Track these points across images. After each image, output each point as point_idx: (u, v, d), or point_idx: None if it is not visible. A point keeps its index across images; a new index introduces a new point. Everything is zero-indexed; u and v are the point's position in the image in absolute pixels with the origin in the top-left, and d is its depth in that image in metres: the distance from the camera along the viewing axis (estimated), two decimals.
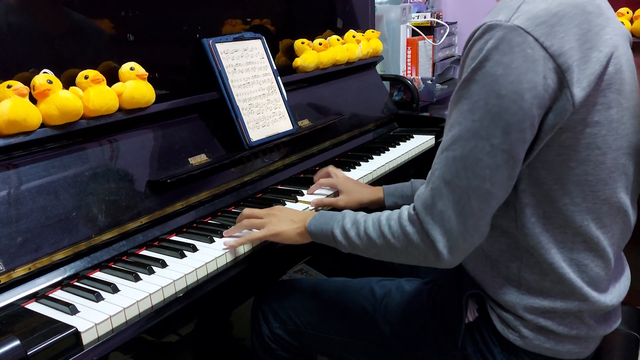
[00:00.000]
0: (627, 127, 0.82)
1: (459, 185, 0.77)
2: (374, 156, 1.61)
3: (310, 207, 1.26)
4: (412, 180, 1.27)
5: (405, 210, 0.86)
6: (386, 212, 0.90)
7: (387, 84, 2.10)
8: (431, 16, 2.65)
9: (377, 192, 1.28)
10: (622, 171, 0.82)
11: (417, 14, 2.65)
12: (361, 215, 0.94)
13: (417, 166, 1.70)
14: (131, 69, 1.15)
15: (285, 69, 1.63)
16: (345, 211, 0.97)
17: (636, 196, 0.92)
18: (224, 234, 1.09)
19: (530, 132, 0.76)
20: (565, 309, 0.85)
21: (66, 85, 1.05)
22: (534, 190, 0.81)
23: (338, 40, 1.78)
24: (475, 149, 0.76)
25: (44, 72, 1.03)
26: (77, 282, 0.96)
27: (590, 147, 0.78)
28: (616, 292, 0.89)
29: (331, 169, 1.34)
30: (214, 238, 1.09)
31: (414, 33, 2.52)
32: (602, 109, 0.78)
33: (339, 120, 1.66)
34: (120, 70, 1.15)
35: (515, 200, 0.83)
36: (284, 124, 1.46)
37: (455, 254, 0.81)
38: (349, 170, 1.49)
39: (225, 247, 1.05)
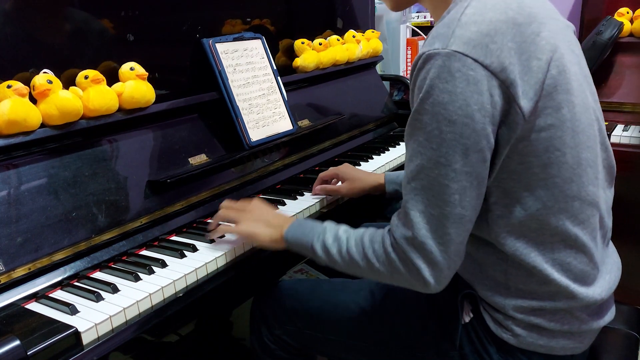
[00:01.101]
0: (582, 123, 0.82)
1: (433, 214, 0.79)
2: (374, 156, 1.61)
3: (313, 196, 1.30)
4: None
5: (388, 236, 0.85)
6: (368, 232, 0.89)
7: (387, 84, 2.10)
8: (431, 16, 2.64)
9: (379, 179, 1.30)
10: (586, 165, 0.83)
11: (417, 14, 2.65)
12: (342, 230, 0.92)
13: None
14: (131, 69, 1.15)
15: (285, 69, 1.63)
16: (325, 224, 0.96)
17: (611, 183, 0.92)
18: (209, 227, 1.10)
19: (488, 150, 0.77)
20: (554, 307, 0.85)
21: (66, 85, 1.05)
22: (505, 202, 0.82)
23: (338, 40, 1.78)
24: (439, 176, 0.77)
25: (44, 72, 1.03)
26: (77, 282, 0.96)
27: (549, 150, 0.79)
28: (605, 285, 0.89)
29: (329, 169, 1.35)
30: (214, 238, 1.09)
31: (414, 33, 2.52)
32: (553, 111, 0.78)
33: (339, 120, 1.66)
34: (120, 70, 1.15)
35: (486, 213, 0.84)
36: (284, 124, 1.46)
37: (441, 281, 0.83)
38: None
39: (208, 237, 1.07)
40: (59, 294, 0.93)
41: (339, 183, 1.33)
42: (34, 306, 0.89)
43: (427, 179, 0.78)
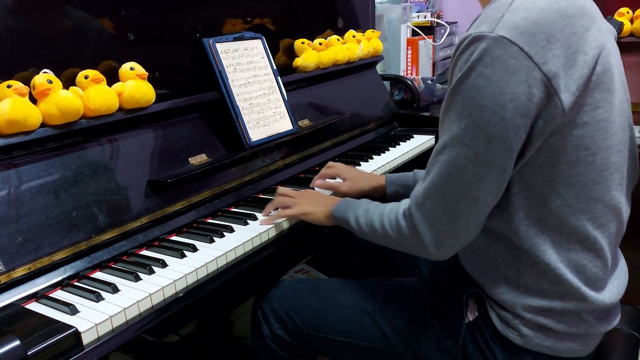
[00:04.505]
0: (616, 125, 0.82)
1: (447, 190, 0.81)
2: (374, 156, 1.61)
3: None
4: (415, 170, 1.30)
5: (403, 204, 0.92)
6: (390, 205, 0.96)
7: (387, 83, 2.10)
8: (431, 16, 2.64)
9: (379, 180, 1.31)
10: (613, 169, 0.82)
11: (418, 13, 2.65)
12: (373, 205, 1.01)
13: (418, 166, 1.70)
14: (131, 68, 1.15)
15: (285, 69, 1.63)
16: (362, 200, 1.04)
17: (630, 192, 0.92)
18: (263, 214, 1.18)
19: (516, 141, 0.76)
20: (564, 308, 0.85)
21: (66, 85, 1.05)
22: (526, 194, 0.82)
23: (338, 40, 1.78)
24: (460, 156, 0.79)
25: (44, 72, 1.03)
26: (77, 282, 0.96)
27: (578, 149, 0.79)
28: (615, 290, 0.89)
29: (330, 163, 1.37)
30: (214, 238, 1.09)
31: (414, 33, 2.52)
32: (590, 109, 0.78)
33: (339, 120, 1.66)
34: (120, 70, 1.15)
35: (508, 204, 0.83)
36: (284, 124, 1.46)
37: (443, 250, 0.86)
38: None
39: (262, 225, 1.13)
40: (59, 294, 0.92)
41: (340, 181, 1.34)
42: (34, 306, 0.89)
43: (449, 156, 0.80)
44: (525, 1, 0.76)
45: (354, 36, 1.84)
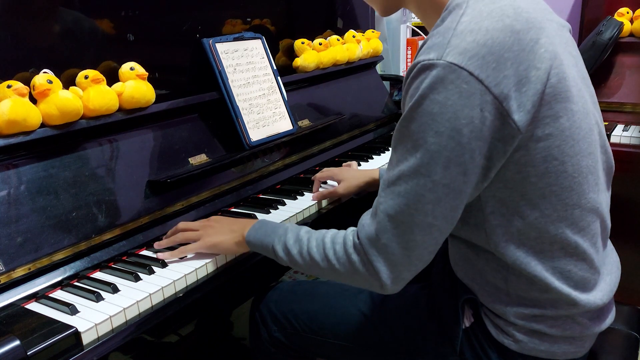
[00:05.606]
0: (583, 130, 0.80)
1: (402, 221, 0.78)
2: (374, 156, 1.61)
3: (312, 201, 1.29)
4: None
5: (351, 235, 0.86)
6: (330, 233, 0.90)
7: (387, 84, 2.10)
8: (422, 23, 2.64)
9: (373, 174, 1.32)
10: (586, 173, 0.81)
11: None
12: (304, 231, 0.93)
13: None
14: (131, 68, 1.15)
15: (285, 69, 1.63)
16: (287, 225, 0.96)
17: (609, 184, 0.91)
18: (154, 246, 1.07)
19: (471, 164, 0.75)
20: (555, 314, 0.85)
21: (66, 85, 1.05)
22: (502, 211, 0.81)
23: (338, 40, 1.78)
24: (416, 186, 0.76)
25: (44, 72, 1.03)
26: (77, 282, 0.96)
27: (547, 160, 0.78)
28: (607, 288, 0.88)
29: (324, 169, 1.39)
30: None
31: (414, 33, 2.52)
32: (551, 121, 0.76)
33: (339, 120, 1.66)
34: (120, 70, 1.15)
35: (484, 223, 0.83)
36: (284, 124, 1.46)
37: (398, 283, 0.83)
38: None
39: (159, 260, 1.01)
40: (59, 294, 0.93)
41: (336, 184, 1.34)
42: (34, 306, 0.89)
43: (405, 186, 0.77)
44: (470, 23, 0.74)
45: (353, 36, 1.84)
